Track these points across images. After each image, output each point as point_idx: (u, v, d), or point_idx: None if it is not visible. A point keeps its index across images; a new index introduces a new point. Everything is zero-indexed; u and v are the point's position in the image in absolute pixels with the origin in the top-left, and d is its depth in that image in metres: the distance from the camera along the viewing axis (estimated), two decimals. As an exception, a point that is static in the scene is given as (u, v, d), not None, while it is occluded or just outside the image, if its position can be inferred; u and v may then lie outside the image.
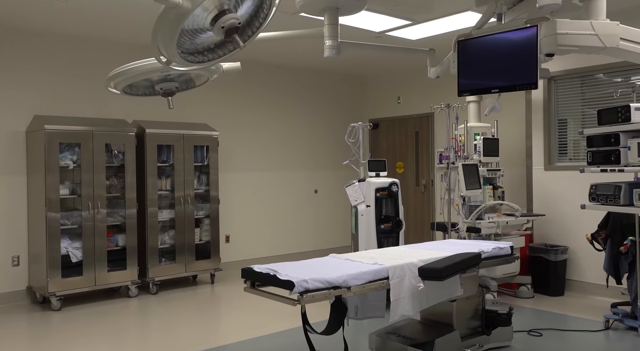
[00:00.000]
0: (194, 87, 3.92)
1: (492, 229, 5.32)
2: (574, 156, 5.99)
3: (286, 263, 3.40)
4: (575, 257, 5.74)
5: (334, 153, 8.54)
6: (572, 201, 5.75)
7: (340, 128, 8.58)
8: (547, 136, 5.98)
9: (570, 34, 3.56)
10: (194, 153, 6.45)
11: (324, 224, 8.40)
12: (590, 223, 5.54)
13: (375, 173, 5.50)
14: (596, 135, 3.96)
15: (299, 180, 8.12)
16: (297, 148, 8.10)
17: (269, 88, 7.80)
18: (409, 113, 8.25)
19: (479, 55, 4.36)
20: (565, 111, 6.01)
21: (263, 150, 7.72)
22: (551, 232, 5.95)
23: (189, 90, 3.96)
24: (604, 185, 3.89)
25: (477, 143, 5.69)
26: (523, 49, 4.05)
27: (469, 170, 5.38)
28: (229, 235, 7.31)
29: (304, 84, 8.20)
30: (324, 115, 8.45)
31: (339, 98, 8.64)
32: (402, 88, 8.38)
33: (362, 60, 7.74)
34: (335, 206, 8.54)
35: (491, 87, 4.28)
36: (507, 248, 4.12)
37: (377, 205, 5.23)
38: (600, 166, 3.88)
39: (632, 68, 5.39)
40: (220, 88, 7.30)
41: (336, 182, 8.55)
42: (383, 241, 5.23)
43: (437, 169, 7.88)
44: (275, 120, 7.88)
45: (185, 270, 6.32)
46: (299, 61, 7.69)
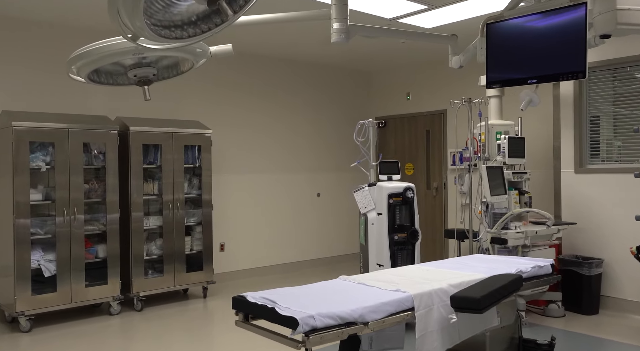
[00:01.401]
0: (176, 75, 3.29)
1: (520, 240, 4.70)
2: (607, 158, 5.37)
3: (287, 290, 2.77)
4: (611, 271, 5.11)
5: (338, 153, 7.91)
6: (607, 207, 5.13)
7: (345, 127, 7.96)
8: (577, 135, 5.36)
9: (634, 10, 2.93)
10: (185, 153, 5.83)
11: (327, 231, 7.77)
12: (629, 233, 4.94)
13: (387, 177, 4.88)
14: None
15: (300, 183, 7.49)
16: (298, 148, 7.48)
17: (267, 84, 7.17)
18: (419, 110, 7.63)
19: (512, 40, 3.73)
20: (596, 108, 5.38)
21: (261, 150, 7.09)
22: (583, 242, 5.32)
23: (172, 80, 3.33)
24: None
25: (501, 143, 5.06)
26: (567, 31, 3.43)
27: (494, 174, 4.75)
28: (223, 243, 6.69)
29: (306, 79, 7.57)
30: (327, 112, 7.82)
31: (343, 94, 8.01)
32: (411, 83, 7.75)
33: (368, 54, 7.12)
34: (340, 211, 7.91)
35: (527, 77, 3.66)
36: (548, 266, 3.51)
37: (390, 212, 4.61)
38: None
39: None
40: (214, 82, 6.67)
41: (341, 185, 7.92)
42: (397, 254, 4.60)
43: (450, 171, 7.26)
44: (274, 118, 7.25)
45: (175, 284, 5.69)
46: (300, 54, 7.06)
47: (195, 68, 3.22)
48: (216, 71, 6.67)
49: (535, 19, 3.60)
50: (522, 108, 3.66)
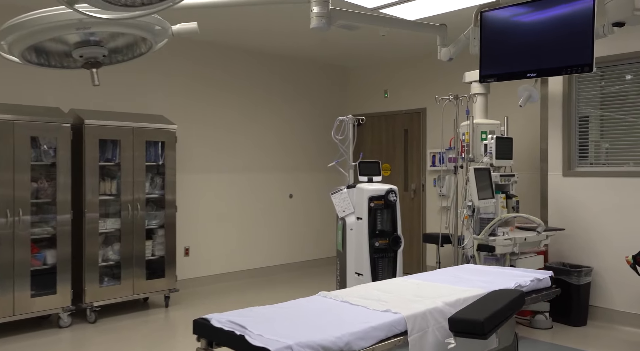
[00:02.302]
0: (132, 58, 2.83)
1: (508, 248, 4.39)
2: (595, 160, 5.12)
3: (259, 311, 2.36)
4: (600, 280, 4.86)
5: (312, 153, 7.51)
6: (596, 213, 4.88)
7: (319, 125, 7.57)
8: (566, 136, 5.09)
9: (653, -5, 2.63)
10: (147, 150, 5.35)
11: (299, 234, 7.37)
12: (619, 240, 4.69)
13: (368, 178, 4.51)
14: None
15: (272, 183, 7.07)
16: (269, 146, 7.05)
17: (237, 77, 6.72)
18: (397, 108, 7.30)
19: (510, 29, 3.40)
20: (585, 108, 5.13)
21: (229, 148, 6.64)
22: (570, 249, 5.06)
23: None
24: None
25: (489, 144, 4.74)
26: (573, 20, 3.11)
27: (481, 176, 4.43)
28: (188, 247, 6.22)
29: (278, 74, 7.15)
30: (301, 109, 7.41)
31: (318, 90, 7.62)
32: (389, 81, 7.41)
33: (345, 48, 6.75)
34: (313, 213, 7.52)
35: (526, 70, 3.34)
36: (547, 279, 3.19)
37: (371, 217, 4.24)
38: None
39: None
40: (180, 74, 6.20)
41: (314, 185, 7.53)
42: (377, 262, 4.24)
43: (429, 172, 6.95)
44: (245, 114, 6.81)
45: (133, 292, 5.20)
46: (273, 46, 6.64)
47: (154, 50, 2.78)
48: (183, 62, 6.20)
49: (535, 8, 3.28)
50: (521, 104, 3.34)
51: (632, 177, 4.71)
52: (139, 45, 2.70)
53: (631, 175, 4.72)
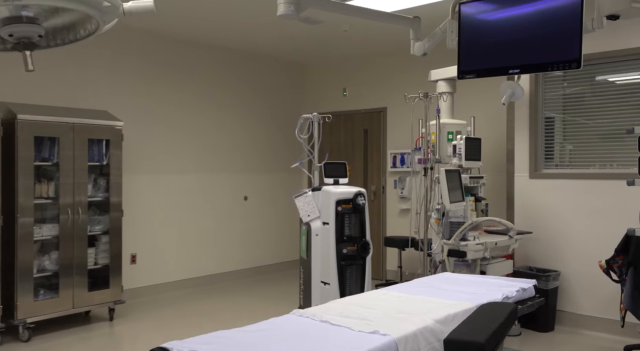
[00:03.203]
0: (76, 41, 2.41)
1: (480, 253, 4.21)
2: (560, 162, 5.04)
3: (228, 336, 2.03)
4: (567, 284, 4.77)
5: (268, 153, 7.17)
6: (563, 215, 4.79)
7: (275, 124, 7.25)
8: (533, 138, 4.99)
9: (653, -14, 2.47)
10: (89, 149, 4.87)
11: (255, 238, 7.00)
12: (586, 243, 4.62)
13: (334, 180, 4.23)
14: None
15: (225, 184, 6.68)
16: (222, 146, 6.65)
17: (189, 72, 6.30)
18: (356, 107, 7.06)
19: (491, 23, 3.20)
20: (550, 109, 5.04)
21: (181, 147, 6.21)
22: (536, 253, 4.95)
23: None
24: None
25: (458, 144, 4.56)
26: (560, 13, 2.93)
27: (451, 178, 4.24)
28: (135, 253, 5.75)
29: (232, 70, 6.77)
30: (256, 108, 7.05)
31: (273, 88, 7.28)
32: (348, 79, 7.17)
33: (304, 44, 6.45)
34: (269, 216, 7.18)
35: (509, 66, 3.13)
36: (531, 288, 3.01)
37: (338, 222, 3.96)
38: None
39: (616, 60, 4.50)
40: (128, 67, 5.72)
41: (270, 187, 7.19)
42: (345, 269, 3.96)
43: (389, 174, 6.75)
44: (197, 112, 6.39)
45: (74, 305, 4.71)
46: (227, 39, 6.25)
47: (102, 32, 2.38)
48: (130, 53, 5.72)
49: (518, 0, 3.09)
50: (504, 102, 3.14)
51: (598, 179, 4.65)
52: (83, 25, 2.30)
53: (597, 177, 4.66)
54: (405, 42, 6.13)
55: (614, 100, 4.70)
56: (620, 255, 3.90)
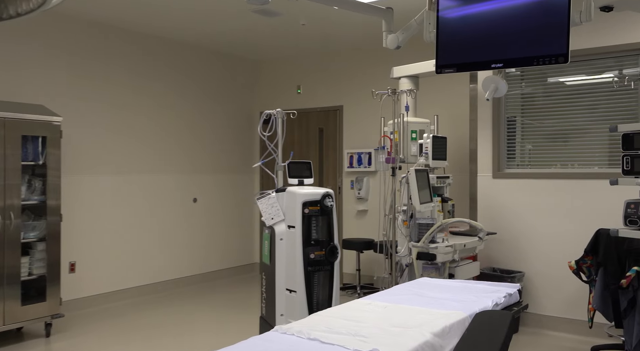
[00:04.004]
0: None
1: (449, 255, 4.07)
2: (521, 162, 5.01)
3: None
4: (531, 285, 4.73)
5: (218, 153, 6.82)
6: (527, 216, 4.75)
7: (225, 123, 6.91)
8: (496, 137, 4.92)
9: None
10: (23, 147, 4.40)
11: (205, 242, 6.63)
12: (549, 244, 4.60)
13: (298, 181, 3.97)
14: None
15: (173, 186, 6.27)
16: (170, 145, 6.24)
17: (134, 65, 5.86)
18: (311, 105, 6.83)
19: (472, 14, 3.04)
20: (511, 109, 5.00)
21: (125, 146, 5.76)
22: (499, 253, 4.89)
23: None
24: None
25: (424, 143, 4.41)
26: (547, 5, 2.81)
27: (420, 178, 4.08)
28: (74, 262, 5.26)
29: (180, 65, 6.37)
30: (205, 105, 6.68)
31: (223, 85, 6.93)
32: (303, 76, 6.93)
33: (256, 39, 6.16)
34: (220, 218, 6.82)
35: (491, 60, 2.99)
36: (516, 294, 2.86)
37: (305, 225, 3.71)
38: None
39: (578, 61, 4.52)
40: (67, 57, 5.24)
41: (221, 188, 6.84)
42: (313, 276, 3.71)
43: (345, 174, 6.56)
44: (142, 108, 5.96)
45: (4, 322, 4.22)
46: (174, 32, 5.86)
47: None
48: (69, 42, 5.24)
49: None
50: (488, 97, 3.00)
51: (560, 179, 4.63)
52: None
53: (559, 177, 4.64)
54: (364, 38, 5.99)
55: (564, 100, 4.71)
56: (590, 256, 3.86)
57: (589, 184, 4.47)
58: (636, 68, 4.36)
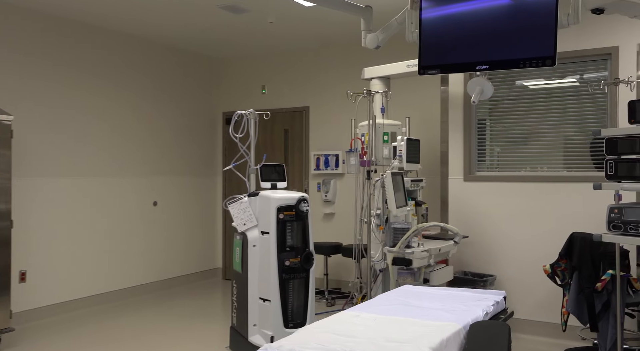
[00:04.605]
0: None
1: (425, 260, 4.01)
2: (490, 165, 5.01)
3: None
4: (502, 288, 4.70)
5: (180, 154, 6.56)
6: (497, 219, 4.75)
7: (187, 124, 6.67)
8: (467, 140, 4.90)
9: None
10: (-31, 147, 4.05)
11: (166, 248, 6.35)
12: (520, 247, 4.61)
13: (271, 184, 3.81)
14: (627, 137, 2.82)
15: (132, 189, 5.97)
16: (128, 146, 5.95)
17: (92, 61, 5.54)
18: (276, 106, 6.66)
19: (457, 14, 2.97)
20: (480, 112, 4.99)
21: (80, 147, 5.44)
22: (471, 257, 4.87)
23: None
24: (635, 209, 2.76)
25: (398, 146, 4.33)
26: (534, 6, 2.76)
27: (396, 182, 3.99)
28: (25, 270, 4.91)
29: (138, 63, 6.08)
30: (166, 104, 6.41)
31: (185, 84, 6.67)
32: (269, 76, 6.75)
33: (219, 37, 5.94)
34: (181, 223, 6.56)
35: (476, 62, 2.93)
36: (502, 301, 2.80)
37: (279, 230, 3.55)
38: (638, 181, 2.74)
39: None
40: (15, 49, 4.89)
41: (183, 191, 6.59)
42: (288, 285, 3.56)
43: (312, 176, 6.43)
44: (100, 106, 5.65)
45: (-52, 338, 3.88)
46: (133, 27, 5.58)
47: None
48: (18, 35, 4.89)
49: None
50: (474, 100, 2.92)
51: (530, 182, 4.65)
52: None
53: (529, 180, 4.66)
54: (333, 37, 5.87)
55: (529, 104, 4.74)
56: (564, 259, 3.87)
57: (558, 187, 4.50)
58: (603, 72, 4.41)
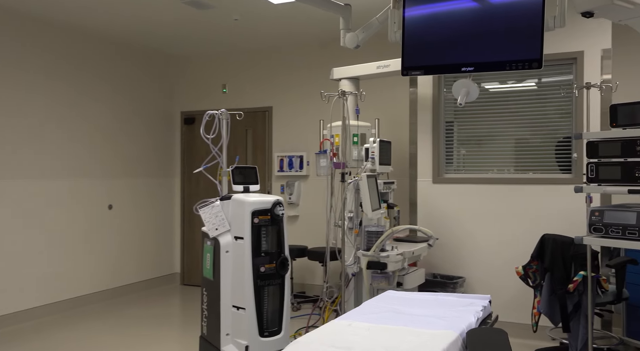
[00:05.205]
0: None
1: (399, 264, 3.96)
2: (458, 167, 5.03)
3: None
4: (472, 291, 4.74)
5: (136, 155, 6.28)
6: (465, 221, 4.77)
7: (144, 123, 6.40)
8: (436, 141, 4.90)
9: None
10: None
11: (121, 252, 6.06)
12: (488, 249, 4.65)
13: (244, 187, 3.67)
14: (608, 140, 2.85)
15: (84, 192, 5.66)
16: (78, 146, 5.63)
17: (31, 59, 5.21)
18: (238, 106, 6.48)
19: (442, 15, 2.92)
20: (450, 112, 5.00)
21: (29, 148, 5.10)
22: (439, 259, 4.87)
23: None
24: (616, 212, 2.79)
25: (371, 148, 4.27)
26: (520, 8, 2.75)
27: (371, 184, 3.93)
28: (-30, 281, 4.55)
29: (88, 59, 5.77)
30: (119, 103, 6.11)
31: (141, 82, 6.39)
32: (231, 75, 6.56)
33: (180, 33, 5.72)
34: (138, 226, 6.28)
35: (462, 63, 2.89)
36: (489, 305, 2.78)
37: (254, 236, 3.41)
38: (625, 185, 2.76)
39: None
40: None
41: (140, 193, 6.31)
42: (263, 292, 3.42)
43: (275, 178, 6.29)
44: (48, 107, 5.31)
45: None
46: (83, 21, 5.29)
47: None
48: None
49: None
50: (461, 102, 2.88)
51: (498, 184, 4.69)
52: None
53: (496, 182, 4.70)
54: (299, 36, 5.75)
55: (492, 106, 4.79)
56: (535, 261, 3.91)
57: (525, 189, 4.56)
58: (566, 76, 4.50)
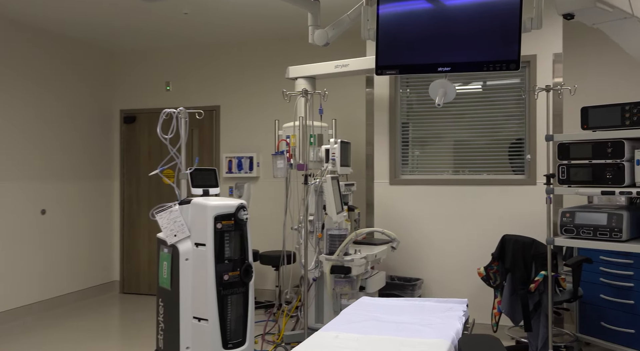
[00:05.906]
0: None
1: (362, 267, 3.87)
2: (413, 168, 5.02)
3: None
4: (429, 292, 4.74)
5: (70, 156, 5.85)
6: (421, 223, 4.77)
7: (80, 121, 5.98)
8: (393, 142, 4.86)
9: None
10: None
11: (56, 260, 5.62)
12: (444, 250, 4.66)
13: (203, 190, 3.45)
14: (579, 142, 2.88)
15: (14, 196, 5.19)
16: (10, 147, 5.17)
17: (-34, 45, 4.73)
18: (182, 105, 6.16)
19: (418, 13, 2.86)
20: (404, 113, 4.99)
21: (-46, 145, 4.61)
22: (396, 261, 4.83)
23: None
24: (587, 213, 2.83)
25: (331, 149, 4.16)
26: (498, 9, 2.72)
27: (334, 186, 3.82)
28: None
29: (19, 51, 5.32)
30: (54, 100, 5.67)
31: (73, 78, 5.96)
32: (175, 72, 6.26)
33: (119, 26, 5.37)
34: (72, 233, 5.85)
35: (438, 63, 2.83)
36: (467, 309, 2.74)
37: (217, 242, 3.21)
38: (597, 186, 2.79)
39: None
40: None
41: (76, 197, 5.88)
42: (227, 301, 3.22)
43: (224, 180, 6.06)
44: (-22, 98, 4.84)
45: None
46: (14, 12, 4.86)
47: None
48: None
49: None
50: (439, 103, 2.81)
51: (454, 185, 4.72)
52: None
53: (452, 184, 4.72)
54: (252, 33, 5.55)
55: (442, 108, 4.80)
56: (496, 261, 3.94)
57: (481, 190, 4.60)
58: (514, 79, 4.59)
